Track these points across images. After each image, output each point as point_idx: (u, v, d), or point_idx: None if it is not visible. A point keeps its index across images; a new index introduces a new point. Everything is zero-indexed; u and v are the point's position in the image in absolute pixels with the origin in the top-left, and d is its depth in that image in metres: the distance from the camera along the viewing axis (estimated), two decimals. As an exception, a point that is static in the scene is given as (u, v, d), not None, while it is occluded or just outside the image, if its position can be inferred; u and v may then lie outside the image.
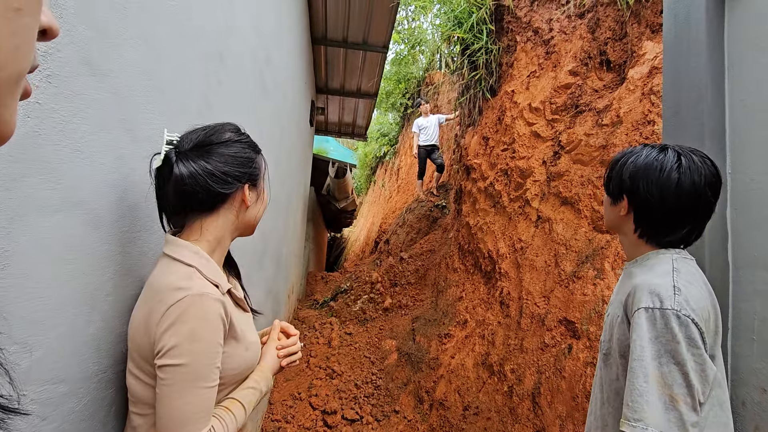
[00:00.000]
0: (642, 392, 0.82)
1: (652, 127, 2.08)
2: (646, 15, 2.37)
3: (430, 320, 4.04)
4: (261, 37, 2.10)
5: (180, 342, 0.75)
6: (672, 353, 0.82)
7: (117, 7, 0.82)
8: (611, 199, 1.07)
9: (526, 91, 3.12)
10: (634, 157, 1.03)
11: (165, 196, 0.86)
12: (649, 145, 1.05)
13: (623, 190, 1.02)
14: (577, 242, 2.42)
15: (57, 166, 0.68)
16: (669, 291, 0.87)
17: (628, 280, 1.02)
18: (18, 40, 0.25)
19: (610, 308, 1.07)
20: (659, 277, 0.91)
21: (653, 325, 0.85)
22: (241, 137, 0.93)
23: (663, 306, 0.85)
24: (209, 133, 0.89)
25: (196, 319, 0.76)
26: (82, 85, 0.73)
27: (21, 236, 0.61)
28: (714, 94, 1.37)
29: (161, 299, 0.77)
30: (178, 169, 0.83)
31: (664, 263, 0.96)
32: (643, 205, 0.99)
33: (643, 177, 0.98)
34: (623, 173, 1.02)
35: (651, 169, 0.97)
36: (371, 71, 5.01)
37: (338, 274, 7.24)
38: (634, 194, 1.00)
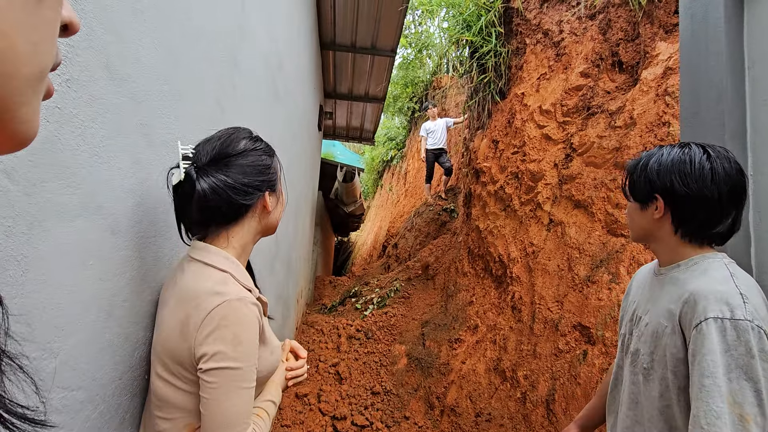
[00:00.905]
0: (720, 414, 0.75)
1: (667, 128, 2.05)
2: (659, 15, 2.34)
3: (440, 325, 4.01)
4: (273, 43, 2.11)
5: (225, 346, 0.76)
6: (745, 368, 0.75)
7: (136, 12, 0.82)
8: (639, 205, 1.02)
9: (536, 94, 3.09)
10: (656, 157, 0.99)
11: (187, 210, 0.87)
12: (666, 146, 1.02)
13: (655, 190, 0.97)
14: (590, 246, 2.38)
15: (76, 170, 0.68)
16: (737, 299, 0.80)
17: (671, 286, 0.95)
18: (40, 35, 0.24)
19: (647, 317, 0.99)
20: (721, 284, 0.84)
21: (723, 337, 0.78)
22: (256, 144, 0.93)
23: (735, 316, 0.78)
24: (225, 143, 0.88)
25: (237, 323, 0.78)
26: (101, 89, 0.72)
27: (41, 242, 0.61)
28: (734, 94, 1.34)
29: (198, 304, 0.78)
30: (199, 185, 0.82)
31: (718, 268, 0.89)
32: (682, 201, 0.93)
33: (676, 172, 0.93)
34: (649, 174, 0.98)
35: (681, 163, 0.93)
36: (379, 75, 5.01)
37: (346, 278, 7.23)
38: (670, 192, 0.94)
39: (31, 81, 0.25)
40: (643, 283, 1.11)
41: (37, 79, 0.26)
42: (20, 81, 0.24)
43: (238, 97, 1.52)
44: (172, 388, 0.81)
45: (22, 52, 0.23)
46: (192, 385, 0.80)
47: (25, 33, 0.23)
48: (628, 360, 1.03)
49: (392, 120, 11.49)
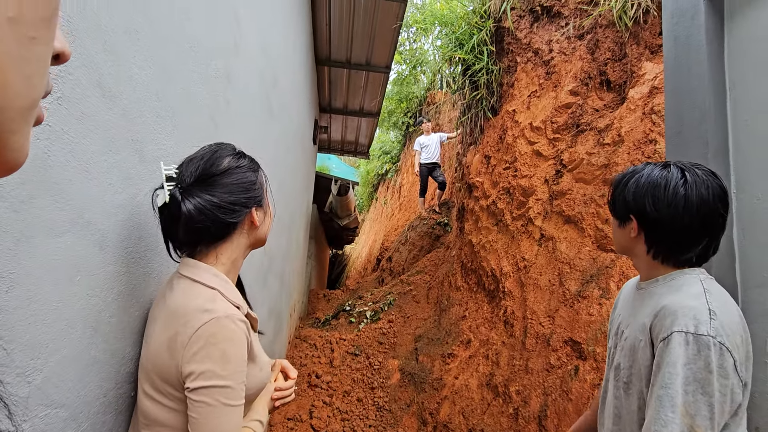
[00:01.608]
0: (667, 422, 0.78)
1: (654, 146, 2.09)
2: (645, 36, 2.41)
3: (433, 339, 3.98)
4: (268, 59, 2.14)
5: (213, 364, 0.76)
6: (702, 382, 0.77)
7: (130, 31, 0.83)
8: (618, 222, 1.04)
9: (527, 111, 3.15)
10: (636, 177, 1.00)
11: (174, 231, 0.87)
12: (651, 164, 1.03)
13: (629, 210, 0.99)
14: (581, 261, 2.40)
15: (65, 187, 0.68)
16: (705, 315, 0.82)
17: (649, 300, 0.97)
18: (32, 69, 0.25)
19: (627, 331, 1.00)
20: (692, 299, 0.86)
21: (685, 351, 0.79)
22: (240, 161, 0.92)
23: (698, 331, 0.80)
24: (208, 162, 0.87)
25: (226, 341, 0.78)
26: (92, 106, 0.73)
27: (27, 258, 0.61)
28: (717, 114, 1.38)
29: (187, 322, 0.78)
30: (185, 207, 0.82)
31: (692, 284, 0.91)
32: (653, 224, 0.95)
33: (649, 195, 0.95)
34: (626, 194, 1.00)
35: (656, 186, 0.94)
36: (374, 91, 5.08)
37: (340, 292, 7.18)
38: (642, 214, 0.96)
39: (24, 112, 0.26)
40: (627, 297, 1.12)
41: (29, 109, 0.27)
42: (13, 112, 0.25)
43: (231, 112, 1.54)
44: (160, 406, 0.80)
45: (16, 85, 0.24)
46: (179, 404, 0.80)
47: (18, 68, 0.24)
48: (612, 374, 1.04)
49: (387, 134, 11.59)
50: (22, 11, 0.23)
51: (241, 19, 1.60)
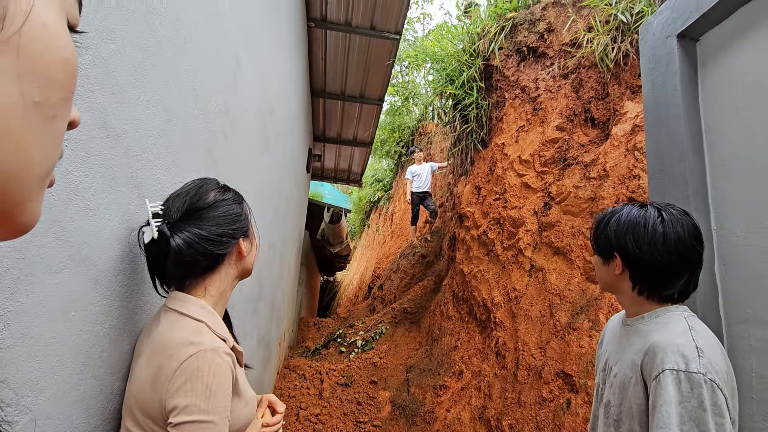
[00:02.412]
0: None
1: (638, 181, 2.16)
2: (626, 77, 2.54)
3: (424, 370, 3.92)
4: (266, 92, 2.21)
5: (197, 398, 0.75)
6: (697, 420, 0.78)
7: (136, 74, 0.87)
8: (602, 259, 1.07)
9: (515, 144, 3.25)
10: (617, 216, 1.04)
11: (161, 266, 0.88)
12: (628, 204, 1.08)
13: (613, 248, 1.02)
14: (570, 293, 2.43)
15: (66, 224, 0.70)
16: (693, 352, 0.83)
17: (636, 337, 0.99)
18: (51, 143, 0.28)
19: (616, 368, 1.02)
20: (679, 336, 0.88)
21: (678, 389, 0.81)
22: (225, 194, 0.95)
23: (689, 369, 0.81)
24: (194, 197, 0.90)
25: (210, 375, 0.77)
26: (96, 146, 0.76)
27: (24, 296, 0.62)
28: (694, 155, 1.45)
29: (171, 355, 0.77)
30: (174, 242, 0.84)
31: (677, 321, 0.94)
32: (635, 261, 0.98)
33: (630, 233, 0.99)
34: (609, 232, 1.03)
35: (636, 225, 0.99)
36: (367, 122, 5.20)
37: (331, 320, 7.08)
38: (625, 251, 1.00)
39: (40, 181, 0.28)
40: (613, 333, 1.14)
41: (46, 176, 0.29)
42: (31, 182, 0.27)
43: (229, 145, 1.58)
44: None
45: (35, 159, 0.27)
46: None
47: (39, 144, 0.27)
48: (602, 411, 1.05)
49: (380, 162, 11.75)
50: (47, 95, 0.26)
51: (241, 58, 1.66)
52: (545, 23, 3.13)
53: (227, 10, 1.47)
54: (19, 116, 0.24)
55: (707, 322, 1.27)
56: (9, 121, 0.24)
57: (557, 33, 3.04)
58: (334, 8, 3.55)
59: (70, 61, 0.28)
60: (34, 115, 0.25)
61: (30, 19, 0.24)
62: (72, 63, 0.28)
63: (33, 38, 0.24)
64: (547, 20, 3.13)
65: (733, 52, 1.40)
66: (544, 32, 3.14)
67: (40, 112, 0.26)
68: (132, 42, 0.85)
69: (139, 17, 0.87)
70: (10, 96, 0.24)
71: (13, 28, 0.23)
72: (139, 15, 0.88)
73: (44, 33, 0.25)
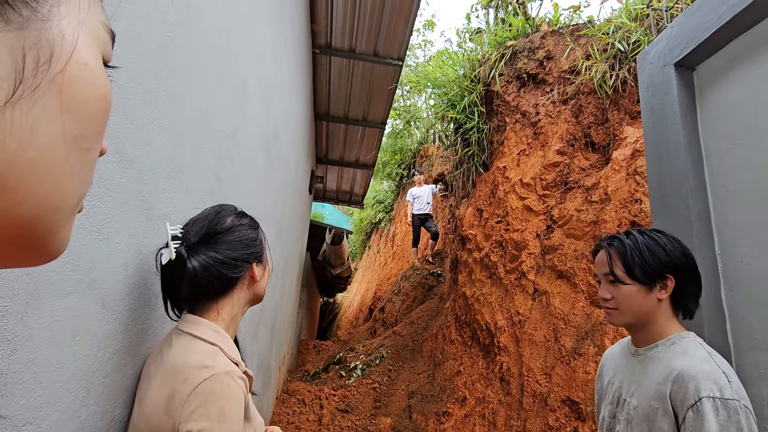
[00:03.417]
0: None
1: (640, 205, 2.17)
2: (624, 103, 2.59)
3: (427, 396, 3.84)
4: (271, 117, 2.25)
5: (210, 423, 0.74)
6: None
7: (149, 101, 0.90)
8: (644, 287, 0.99)
9: (516, 168, 3.28)
10: (649, 240, 1.02)
11: (177, 288, 0.89)
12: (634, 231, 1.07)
13: (667, 269, 0.98)
14: (575, 317, 2.40)
15: (76, 248, 0.70)
16: (722, 378, 0.84)
17: (653, 366, 0.97)
18: (84, 174, 0.29)
19: (634, 400, 0.99)
20: (704, 363, 0.87)
21: (717, 417, 0.80)
22: (242, 220, 0.98)
23: (724, 395, 0.81)
24: (212, 222, 0.93)
25: (225, 399, 0.77)
26: (109, 171, 0.77)
27: (33, 320, 0.62)
28: (695, 180, 1.46)
29: (186, 378, 0.77)
30: (190, 264, 0.86)
31: (695, 347, 0.93)
32: (687, 276, 0.98)
33: (680, 250, 1.00)
34: (657, 254, 0.99)
35: (678, 242, 1.02)
36: (369, 144, 5.27)
37: (331, 343, 6.97)
38: (680, 269, 0.98)
39: (73, 209, 0.29)
40: (618, 363, 1.11)
41: (77, 205, 0.30)
42: (65, 211, 0.28)
43: (235, 169, 1.60)
44: None
45: (70, 190, 0.28)
46: None
47: (74, 176, 0.28)
48: None
49: (381, 184, 11.83)
50: (84, 130, 0.27)
51: (249, 84, 1.71)
52: (544, 51, 3.22)
53: (236, 38, 1.52)
54: (61, 152, 0.25)
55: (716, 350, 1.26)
56: (52, 157, 0.25)
57: (556, 60, 3.12)
58: (338, 36, 3.65)
59: (107, 97, 0.29)
60: (72, 148, 0.26)
61: (73, 59, 0.25)
62: (108, 99, 0.29)
63: (75, 77, 0.25)
64: (546, 48, 3.22)
65: (730, 81, 1.43)
66: (544, 60, 3.22)
67: (77, 145, 0.27)
68: (147, 70, 0.88)
69: (154, 47, 0.90)
70: (54, 133, 0.25)
71: (59, 68, 0.24)
72: (154, 44, 0.91)
73: (85, 71, 0.26)
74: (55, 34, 0.24)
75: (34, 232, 0.26)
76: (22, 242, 0.26)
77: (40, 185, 0.25)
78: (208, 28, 1.23)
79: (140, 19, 0.83)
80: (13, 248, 0.26)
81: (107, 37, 0.31)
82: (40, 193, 0.25)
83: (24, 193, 0.24)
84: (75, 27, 0.26)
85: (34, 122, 0.23)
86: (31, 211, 0.25)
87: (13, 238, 0.25)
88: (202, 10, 1.17)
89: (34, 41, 0.23)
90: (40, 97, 0.23)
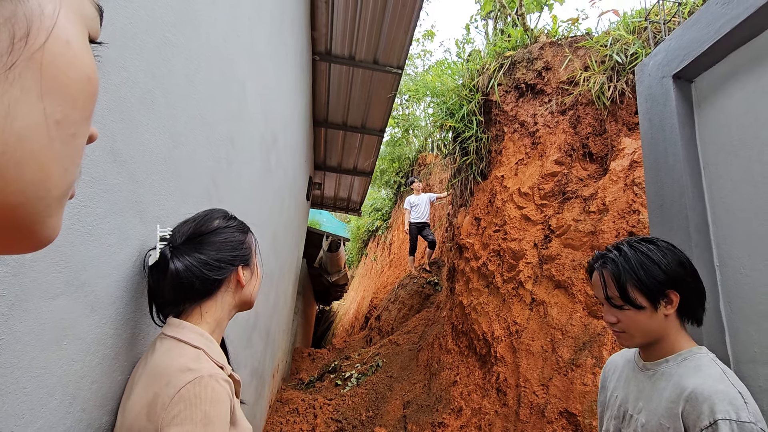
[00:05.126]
0: None
1: (638, 216, 2.17)
2: (622, 115, 2.60)
3: (422, 406, 3.79)
4: (269, 121, 2.25)
5: (194, 427, 0.72)
6: None
7: (146, 101, 0.88)
8: (648, 308, 0.96)
9: (514, 177, 3.28)
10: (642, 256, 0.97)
11: (160, 290, 0.88)
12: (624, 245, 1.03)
13: (667, 285, 0.95)
14: (573, 327, 2.38)
15: (66, 249, 0.68)
16: (739, 399, 0.81)
17: (664, 382, 0.94)
18: (71, 161, 0.28)
19: (642, 417, 0.96)
20: (719, 382, 0.85)
21: None
22: (229, 222, 0.97)
23: (740, 418, 0.78)
24: (199, 223, 0.93)
25: (209, 401, 0.74)
26: (102, 171, 0.76)
27: (19, 323, 0.60)
28: (694, 191, 1.46)
29: (169, 382, 0.75)
30: (173, 264, 0.86)
31: (708, 364, 0.90)
32: (690, 286, 0.95)
33: (677, 260, 0.96)
34: (654, 273, 0.95)
35: (673, 252, 0.97)
36: (368, 152, 5.27)
37: (326, 351, 6.90)
38: (681, 281, 0.94)
39: (60, 198, 0.28)
40: (623, 377, 1.09)
41: (65, 194, 0.29)
42: (51, 200, 0.27)
43: (232, 173, 1.58)
44: None
45: (55, 178, 0.26)
46: None
47: (59, 163, 0.26)
48: None
49: (379, 192, 11.84)
50: (68, 114, 0.26)
51: (248, 88, 1.70)
52: (543, 62, 3.24)
53: (235, 42, 1.51)
54: (42, 137, 0.24)
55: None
56: (32, 143, 0.23)
57: (554, 71, 3.14)
58: (338, 43, 3.67)
59: (92, 78, 0.27)
60: (55, 134, 0.25)
61: (53, 36, 0.23)
62: (94, 81, 0.27)
63: (56, 55, 0.24)
64: (544, 59, 3.24)
65: (728, 94, 1.44)
66: (542, 70, 3.24)
67: (61, 130, 0.25)
68: (144, 70, 0.87)
69: (151, 47, 0.90)
70: (34, 116, 0.23)
71: (37, 44, 0.22)
72: (152, 45, 0.90)
73: (67, 50, 0.25)
74: (33, 8, 0.22)
75: (19, 221, 0.25)
76: (7, 230, 0.25)
77: (22, 172, 0.23)
78: (208, 30, 1.22)
79: (138, 19, 0.82)
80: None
81: (94, 12, 0.29)
82: (21, 180, 0.23)
83: (2, 180, 0.22)
84: (56, 1, 0.24)
85: (11, 104, 0.22)
86: (14, 199, 0.23)
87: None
88: (201, 12, 1.16)
89: (8, 15, 0.21)
90: (16, 77, 0.22)
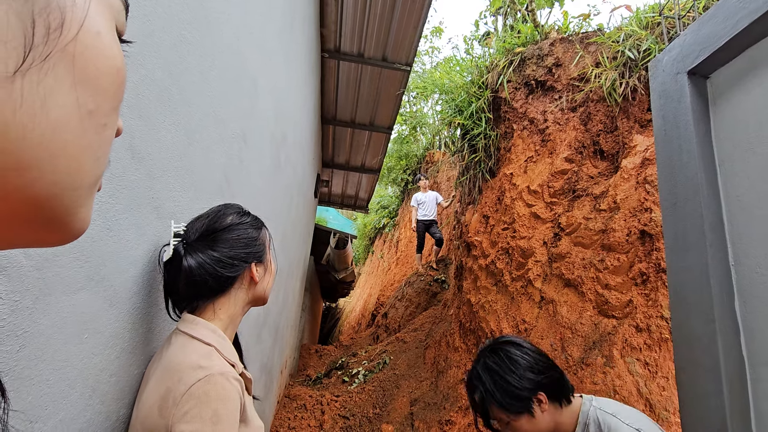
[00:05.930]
0: None
1: (650, 214, 2.15)
2: (634, 111, 2.57)
3: (429, 403, 3.80)
4: (280, 119, 2.26)
5: (204, 425, 0.72)
6: None
7: (163, 99, 0.89)
8: (529, 414, 1.03)
9: (524, 175, 3.26)
10: (492, 380, 1.06)
11: (175, 286, 0.89)
12: (475, 372, 1.12)
13: (533, 391, 1.03)
14: (582, 326, 2.37)
15: (87, 245, 0.70)
16: None
17: None
18: (102, 151, 0.28)
19: None
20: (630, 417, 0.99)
21: None
22: (243, 218, 0.96)
23: None
24: (213, 220, 0.92)
25: (218, 400, 0.75)
26: (121, 168, 0.77)
27: (42, 316, 0.61)
28: (709, 189, 1.44)
29: (180, 378, 0.76)
30: (186, 261, 0.86)
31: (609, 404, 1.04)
32: (551, 380, 1.05)
33: (531, 367, 1.05)
34: (517, 387, 1.03)
35: (525, 357, 1.08)
36: (376, 149, 5.27)
37: (333, 348, 6.94)
38: (541, 380, 1.04)
39: (91, 188, 0.28)
40: None
41: (95, 184, 0.29)
42: (83, 190, 0.27)
43: (244, 169, 1.59)
44: None
45: (87, 168, 0.27)
46: None
47: (91, 153, 0.27)
48: None
49: (386, 189, 11.84)
50: (99, 104, 0.26)
51: (259, 85, 1.71)
52: (553, 58, 3.21)
53: (248, 38, 1.52)
54: (76, 127, 0.24)
55: (730, 364, 1.23)
56: (66, 133, 0.24)
57: (565, 68, 3.11)
58: (347, 40, 3.67)
59: (121, 69, 0.27)
60: (88, 124, 0.25)
61: (85, 27, 0.24)
62: (122, 72, 0.28)
63: (87, 46, 0.24)
64: (555, 55, 3.21)
65: (744, 90, 1.41)
66: (552, 67, 3.21)
67: (93, 120, 0.26)
68: (161, 68, 0.88)
69: (168, 44, 0.90)
70: (68, 106, 0.23)
71: (70, 36, 0.23)
72: (169, 42, 0.91)
73: (98, 41, 0.25)
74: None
75: (52, 212, 0.25)
76: (40, 222, 0.25)
77: (56, 162, 0.23)
78: (221, 27, 1.23)
79: (156, 16, 0.83)
80: (31, 228, 0.25)
81: (120, 5, 0.29)
82: (55, 171, 0.24)
83: (38, 170, 0.22)
84: None
85: (46, 94, 0.22)
86: (47, 190, 0.24)
87: (30, 217, 0.24)
88: (215, 8, 1.17)
89: (43, 5, 0.21)
90: (51, 67, 0.22)
